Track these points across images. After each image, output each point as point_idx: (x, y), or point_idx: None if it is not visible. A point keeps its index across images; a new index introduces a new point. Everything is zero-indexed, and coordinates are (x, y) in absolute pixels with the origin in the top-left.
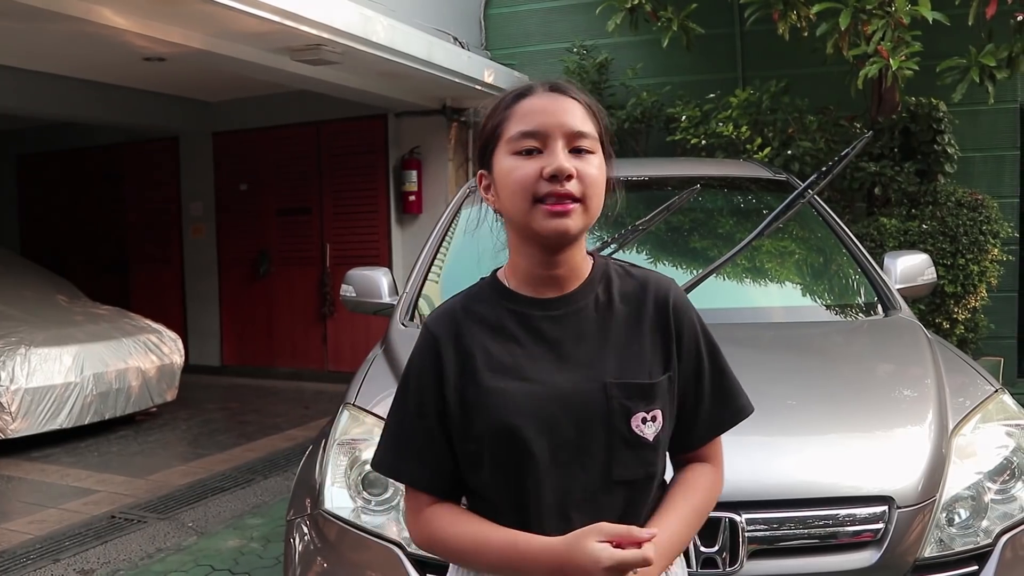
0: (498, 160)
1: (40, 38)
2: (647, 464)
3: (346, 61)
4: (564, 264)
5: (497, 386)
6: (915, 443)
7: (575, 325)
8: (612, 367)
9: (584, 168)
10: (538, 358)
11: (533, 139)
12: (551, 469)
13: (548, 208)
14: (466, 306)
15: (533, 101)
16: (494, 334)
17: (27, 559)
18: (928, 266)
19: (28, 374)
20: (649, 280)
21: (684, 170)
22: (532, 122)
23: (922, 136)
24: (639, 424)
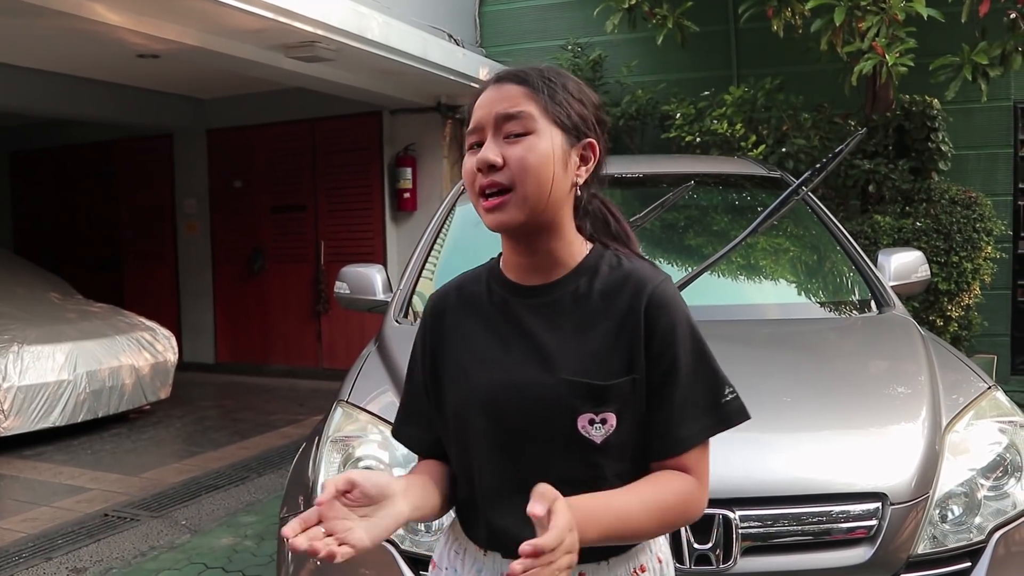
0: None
1: (32, 34)
2: (593, 466)
3: (341, 58)
4: (538, 252)
5: (467, 368)
6: (909, 440)
7: (549, 316)
8: (572, 363)
9: (514, 153)
10: (510, 345)
11: (475, 135)
12: (494, 455)
13: (484, 204)
14: (461, 286)
15: (480, 97)
16: (477, 316)
17: (20, 557)
18: (922, 263)
19: (21, 372)
20: (633, 274)
21: (679, 167)
22: (475, 118)
23: (916, 134)
24: (585, 425)
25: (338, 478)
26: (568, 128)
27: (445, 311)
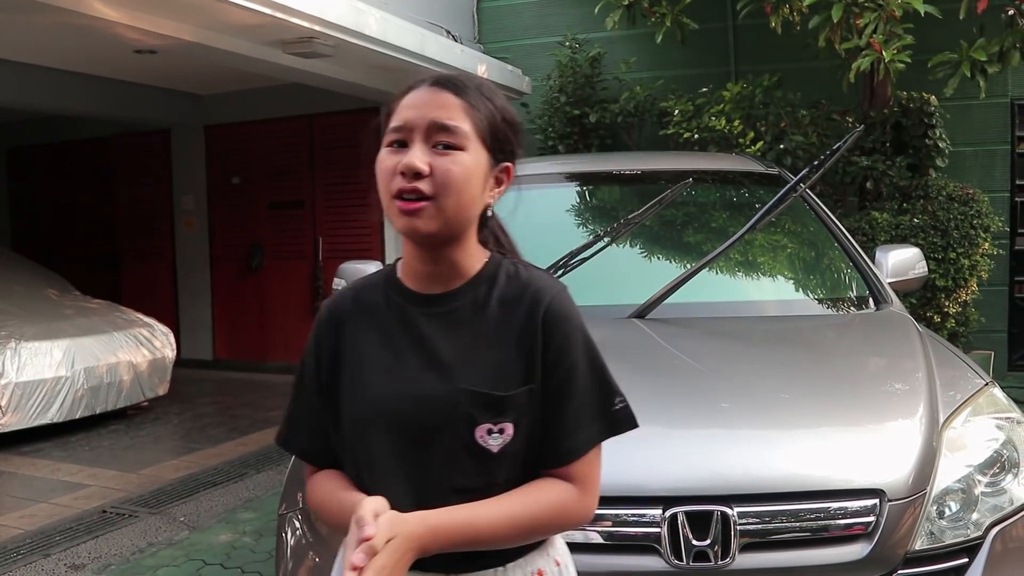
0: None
1: (30, 30)
2: (487, 475)
3: (338, 54)
4: (442, 261)
5: (364, 377)
6: (906, 436)
7: (447, 325)
8: (471, 373)
9: (442, 165)
10: (408, 354)
11: (400, 132)
12: (394, 467)
13: (400, 205)
14: (358, 294)
15: (412, 95)
16: (374, 325)
17: (17, 554)
18: (919, 260)
19: (18, 368)
20: (531, 285)
21: (677, 164)
22: (402, 116)
23: (914, 130)
24: (483, 435)
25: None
26: (494, 150)
27: (342, 320)
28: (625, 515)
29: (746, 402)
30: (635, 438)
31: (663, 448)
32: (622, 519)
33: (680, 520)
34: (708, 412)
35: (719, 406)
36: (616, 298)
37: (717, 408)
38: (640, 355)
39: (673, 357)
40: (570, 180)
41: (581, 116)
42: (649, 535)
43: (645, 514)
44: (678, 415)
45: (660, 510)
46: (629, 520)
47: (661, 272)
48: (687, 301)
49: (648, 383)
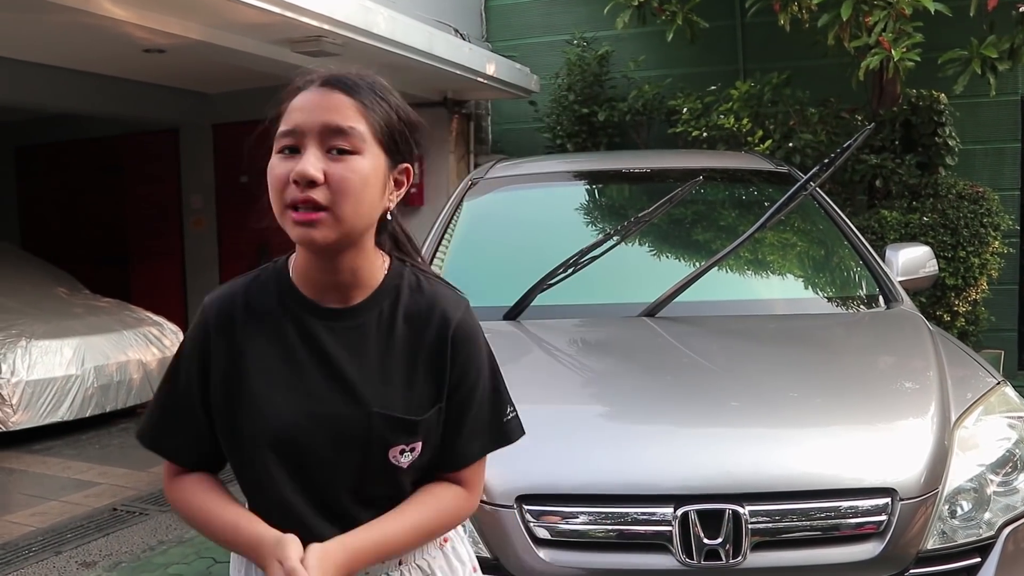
0: (272, 158)
1: (38, 29)
2: (396, 486)
3: (347, 53)
4: (344, 271)
5: (263, 392)
6: (918, 435)
7: (353, 342)
8: (380, 395)
9: (337, 172)
10: (310, 370)
11: (290, 137)
12: (301, 482)
13: (294, 216)
14: (248, 296)
15: (302, 97)
16: (270, 335)
17: (29, 551)
18: (930, 258)
19: (29, 366)
20: (437, 302)
21: (686, 162)
22: (293, 120)
23: (923, 128)
24: (396, 455)
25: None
26: (392, 152)
27: (232, 325)
28: (636, 513)
29: (757, 401)
30: (646, 437)
31: (674, 447)
32: (633, 517)
33: (691, 519)
34: (718, 411)
35: (729, 405)
36: (626, 297)
37: (727, 407)
38: (650, 354)
39: (683, 356)
40: (579, 178)
41: (589, 114)
42: (660, 533)
43: (656, 512)
44: (688, 414)
45: (671, 508)
46: (640, 519)
47: (671, 271)
48: (697, 300)
49: (658, 382)
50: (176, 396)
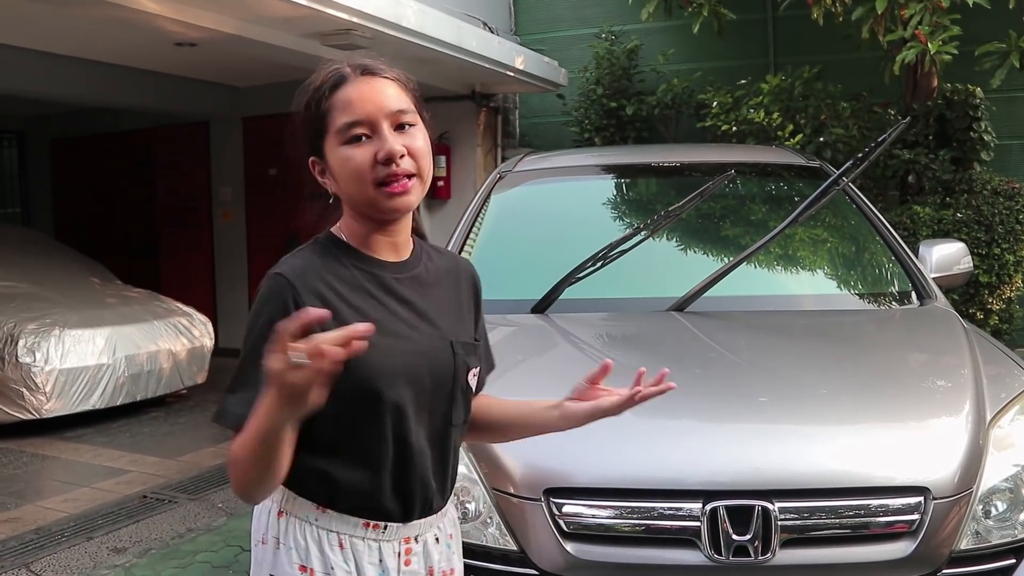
0: (331, 150)
1: (74, 23)
2: (469, 409)
3: (376, 46)
4: (403, 230)
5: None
6: (952, 434)
7: (419, 287)
8: (452, 327)
9: (412, 143)
10: (398, 315)
11: (360, 127)
12: (410, 421)
13: (389, 190)
14: (322, 261)
15: (350, 90)
16: (355, 290)
17: (61, 536)
18: (964, 255)
19: (62, 355)
20: (457, 261)
21: (716, 156)
22: (355, 111)
23: (958, 123)
24: (471, 377)
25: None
26: (426, 122)
27: (318, 283)
28: (664, 508)
29: (787, 396)
30: (674, 431)
31: (703, 442)
32: (661, 512)
33: (720, 514)
34: (748, 406)
35: (759, 400)
36: (655, 291)
37: (757, 402)
38: (679, 348)
39: (712, 351)
40: (607, 172)
41: (618, 108)
42: (688, 529)
43: (684, 507)
44: (718, 409)
45: (700, 504)
46: (668, 513)
47: (700, 265)
48: (727, 295)
49: (687, 376)
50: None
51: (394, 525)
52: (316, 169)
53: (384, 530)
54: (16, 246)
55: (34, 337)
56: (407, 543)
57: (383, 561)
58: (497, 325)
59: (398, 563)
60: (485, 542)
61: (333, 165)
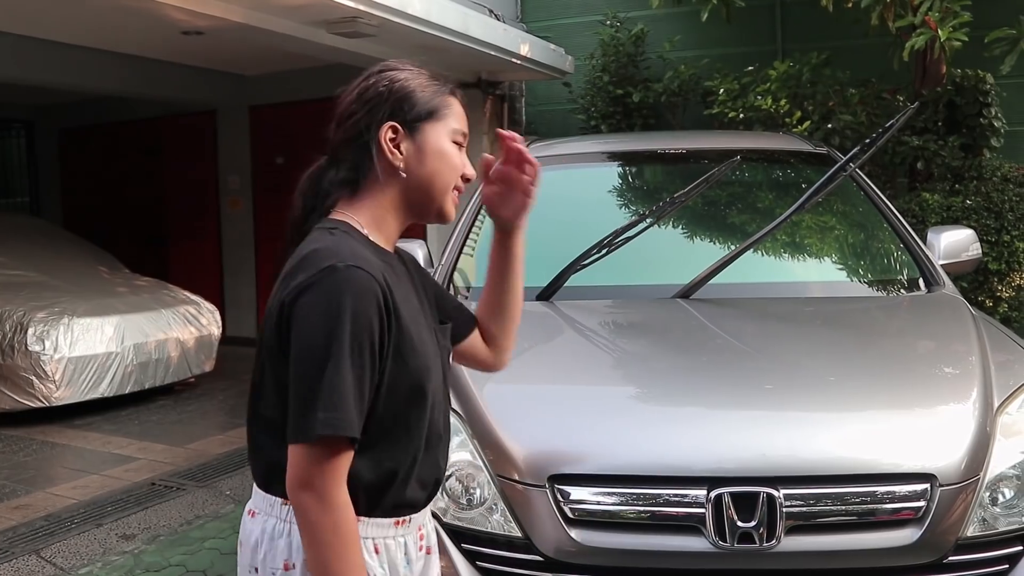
0: (434, 134)
1: (82, 12)
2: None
3: (382, 34)
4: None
5: (420, 337)
6: (959, 420)
7: (408, 279)
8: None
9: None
10: (424, 308)
11: (463, 138)
12: (439, 405)
13: (454, 196)
14: (377, 258)
15: (458, 104)
16: (399, 285)
17: (71, 523)
18: (973, 242)
19: (71, 343)
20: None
21: (723, 143)
22: (463, 124)
23: (967, 109)
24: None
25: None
26: None
27: (389, 284)
28: (669, 495)
29: (793, 383)
30: (679, 418)
31: (708, 428)
32: (666, 499)
33: (725, 501)
34: (753, 393)
35: (764, 387)
36: (660, 278)
37: (762, 389)
38: (684, 335)
39: (718, 338)
40: (614, 159)
41: (624, 95)
42: (693, 516)
43: (690, 494)
44: (723, 396)
45: (705, 491)
46: (673, 500)
47: (706, 252)
48: (733, 282)
49: (693, 363)
50: (363, 372)
51: (416, 515)
52: (392, 136)
53: (409, 523)
54: (25, 235)
55: (43, 326)
56: (420, 529)
57: (407, 553)
58: None
59: (416, 551)
60: (490, 528)
61: (430, 147)
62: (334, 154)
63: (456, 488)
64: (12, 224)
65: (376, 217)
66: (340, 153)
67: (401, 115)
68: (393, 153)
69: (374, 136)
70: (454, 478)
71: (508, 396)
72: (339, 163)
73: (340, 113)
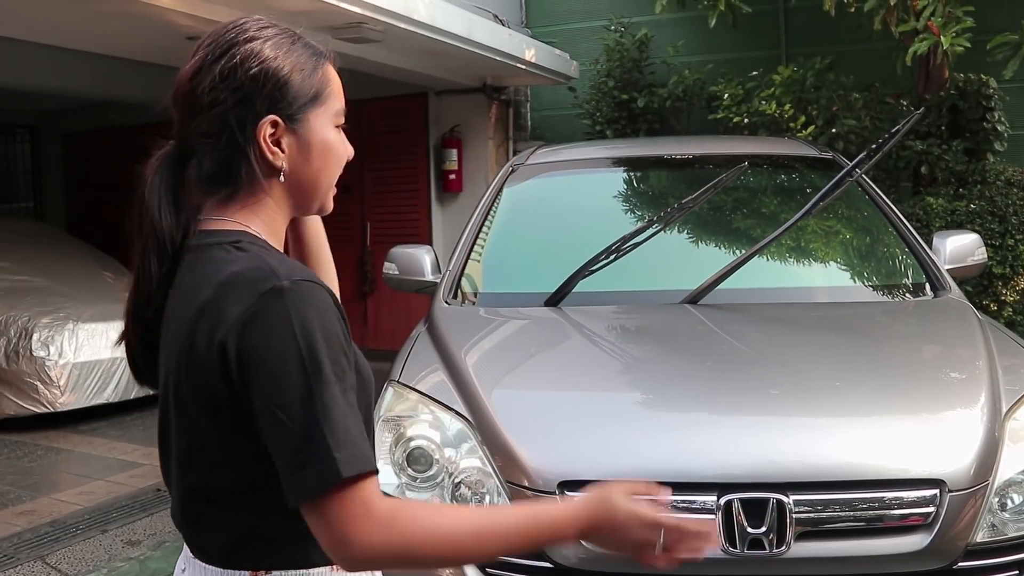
0: (318, 123)
1: (86, 18)
2: None
3: (387, 39)
4: None
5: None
6: (967, 425)
7: None
8: None
9: None
10: None
11: (343, 119)
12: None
13: (336, 191)
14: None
15: (336, 75)
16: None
17: (76, 529)
18: (978, 246)
19: (76, 349)
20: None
21: (728, 148)
22: (342, 100)
23: (971, 114)
24: None
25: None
26: None
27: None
28: (678, 501)
29: (801, 389)
30: (688, 424)
31: (717, 434)
32: (675, 505)
33: (735, 507)
34: (762, 399)
35: (772, 393)
36: (668, 284)
37: (771, 395)
38: (692, 341)
39: (725, 343)
40: (620, 165)
41: (629, 100)
42: (703, 522)
43: (699, 500)
44: (732, 401)
45: (715, 497)
46: (682, 506)
47: (713, 258)
48: (740, 287)
49: (701, 369)
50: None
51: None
52: (271, 132)
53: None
54: (29, 240)
55: (48, 331)
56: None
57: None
58: (510, 318)
59: None
60: None
61: (315, 141)
62: (187, 144)
63: (465, 495)
64: (16, 229)
65: (267, 221)
66: (198, 145)
67: (281, 106)
68: (274, 153)
69: (250, 134)
70: (464, 485)
71: (517, 402)
72: (198, 157)
73: (194, 96)
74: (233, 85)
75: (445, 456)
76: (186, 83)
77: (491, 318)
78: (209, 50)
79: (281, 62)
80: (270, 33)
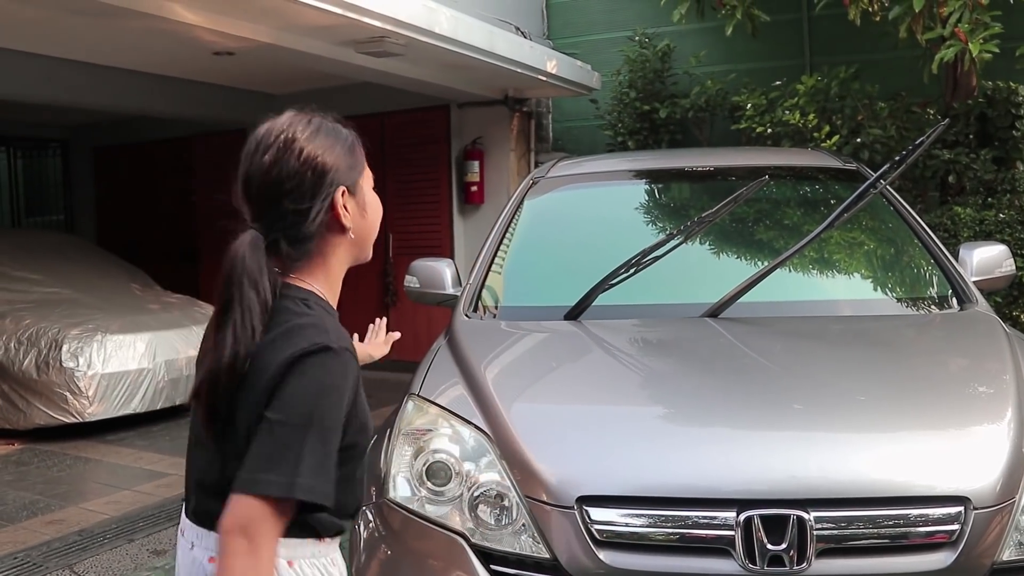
0: (366, 187)
1: (116, 35)
2: None
3: (409, 53)
4: None
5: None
6: (993, 442)
7: None
8: None
9: None
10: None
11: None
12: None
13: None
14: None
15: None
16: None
17: (104, 538)
18: (1007, 257)
19: (104, 360)
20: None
21: (750, 160)
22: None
23: (999, 122)
24: None
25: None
26: None
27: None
28: (698, 517)
29: (823, 404)
30: (708, 439)
31: (737, 450)
32: (695, 521)
33: (755, 523)
34: (783, 413)
35: (794, 407)
36: (688, 297)
37: (792, 409)
38: (713, 355)
39: (746, 357)
40: (641, 177)
41: (651, 111)
42: (723, 538)
43: (719, 516)
44: (752, 416)
45: (734, 513)
46: (702, 522)
47: (734, 271)
48: (761, 300)
49: (721, 383)
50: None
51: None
52: (343, 199)
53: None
54: (60, 253)
55: (77, 342)
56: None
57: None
58: (531, 332)
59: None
60: (518, 549)
61: (370, 203)
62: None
63: (484, 509)
64: (48, 242)
65: (330, 280)
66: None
67: (347, 178)
68: (344, 215)
69: (326, 205)
70: (482, 499)
71: (536, 416)
72: (277, 235)
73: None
74: (309, 169)
75: (464, 470)
76: (263, 176)
77: (511, 331)
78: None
79: (336, 147)
80: (314, 125)
